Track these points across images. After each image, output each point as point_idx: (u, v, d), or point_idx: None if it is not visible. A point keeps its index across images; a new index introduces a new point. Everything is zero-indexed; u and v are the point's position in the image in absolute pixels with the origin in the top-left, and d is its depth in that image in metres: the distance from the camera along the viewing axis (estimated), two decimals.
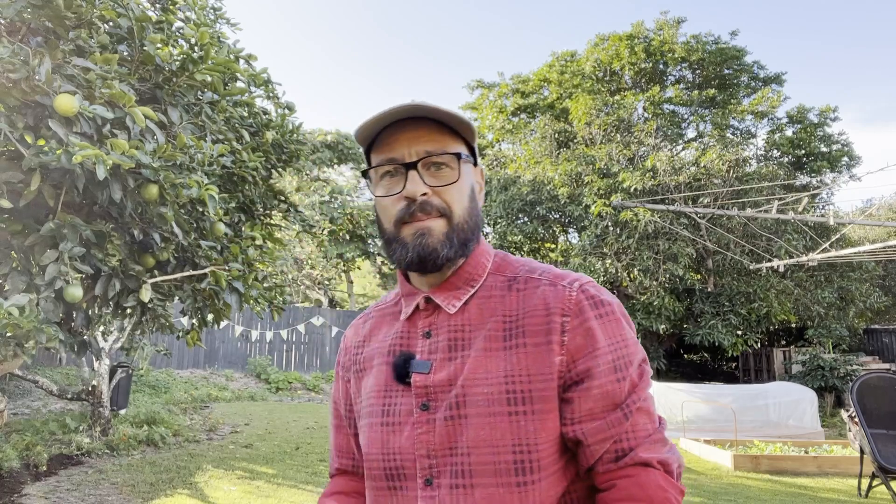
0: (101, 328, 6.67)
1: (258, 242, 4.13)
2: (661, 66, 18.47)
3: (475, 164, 1.02)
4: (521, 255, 17.93)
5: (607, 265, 14.17)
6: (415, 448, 0.90)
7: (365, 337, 1.08)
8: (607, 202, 13.91)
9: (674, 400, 9.49)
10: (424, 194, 0.92)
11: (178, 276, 3.18)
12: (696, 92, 17.63)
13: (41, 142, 2.31)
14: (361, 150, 1.07)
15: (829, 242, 12.31)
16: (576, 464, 0.92)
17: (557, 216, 16.92)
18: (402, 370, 0.95)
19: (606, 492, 0.87)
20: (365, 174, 1.01)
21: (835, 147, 17.67)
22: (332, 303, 21.80)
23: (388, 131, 0.94)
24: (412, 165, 0.92)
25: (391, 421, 0.93)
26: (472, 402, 0.88)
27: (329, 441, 1.14)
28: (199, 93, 3.21)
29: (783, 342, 17.69)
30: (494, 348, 0.90)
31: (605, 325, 0.90)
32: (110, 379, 7.35)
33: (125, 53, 2.86)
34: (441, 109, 0.91)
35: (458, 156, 0.95)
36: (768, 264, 11.03)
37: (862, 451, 5.92)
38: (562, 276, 0.95)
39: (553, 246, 17.99)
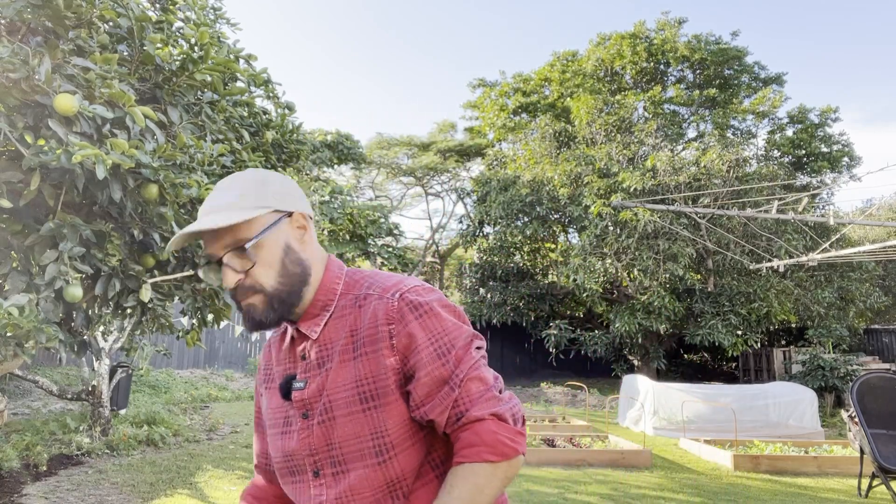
0: (101, 328, 6.67)
1: None
2: (662, 66, 18.48)
3: (290, 214, 1.13)
4: (522, 256, 18.04)
5: (607, 265, 14.16)
6: (301, 449, 1.10)
7: (268, 360, 1.26)
8: (607, 202, 13.91)
9: (674, 400, 9.48)
10: (237, 282, 1.08)
11: (178, 276, 3.18)
12: (696, 92, 17.64)
13: (41, 141, 2.31)
14: (362, 150, 1.25)
15: (829, 242, 12.31)
16: (434, 433, 1.11)
17: (557, 216, 16.93)
18: (286, 390, 1.13)
19: (454, 445, 1.05)
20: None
21: (835, 147, 17.68)
22: None
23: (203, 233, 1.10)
24: (220, 261, 1.09)
25: (285, 430, 1.13)
26: (336, 405, 1.06)
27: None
28: (199, 93, 3.21)
29: (783, 342, 17.68)
30: (346, 359, 1.08)
31: (424, 323, 1.06)
32: (110, 379, 7.35)
33: (125, 53, 2.86)
34: (220, 228, 1.06)
35: (243, 246, 1.07)
36: (768, 264, 11.03)
37: (862, 451, 5.92)
38: (388, 287, 1.11)
39: (553, 246, 17.99)
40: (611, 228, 14.26)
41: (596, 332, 15.47)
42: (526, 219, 16.74)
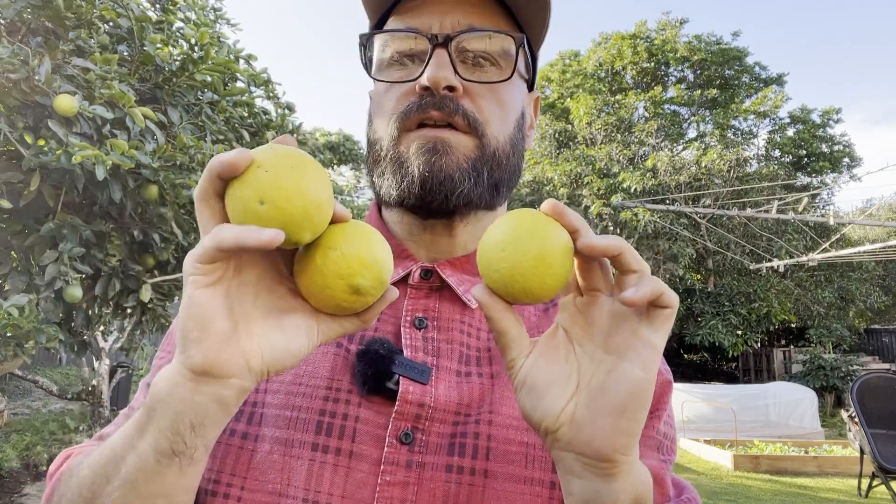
0: (101, 328, 6.67)
1: None
2: (662, 66, 18.50)
3: (530, 88, 0.70)
4: None
5: None
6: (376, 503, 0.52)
7: None
8: (607, 202, 13.92)
9: (674, 400, 9.47)
10: (452, 88, 0.59)
11: (178, 276, 3.18)
12: (697, 92, 17.65)
13: (41, 142, 2.31)
14: (362, 150, 0.63)
15: (829, 242, 12.32)
16: None
17: None
18: (380, 368, 0.55)
19: None
20: (364, 41, 0.65)
21: (836, 147, 17.71)
22: None
23: None
24: (443, 41, 0.59)
25: (333, 446, 0.54)
26: (503, 452, 0.55)
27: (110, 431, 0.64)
28: (199, 93, 3.21)
29: (783, 342, 17.69)
30: None
31: None
32: (110, 379, 7.35)
33: (125, 53, 2.86)
34: None
35: (518, 42, 0.61)
36: (768, 264, 11.03)
37: (862, 451, 5.92)
38: None
39: None
40: (611, 228, 14.26)
41: None
42: None
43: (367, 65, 0.65)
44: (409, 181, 0.58)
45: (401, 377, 0.55)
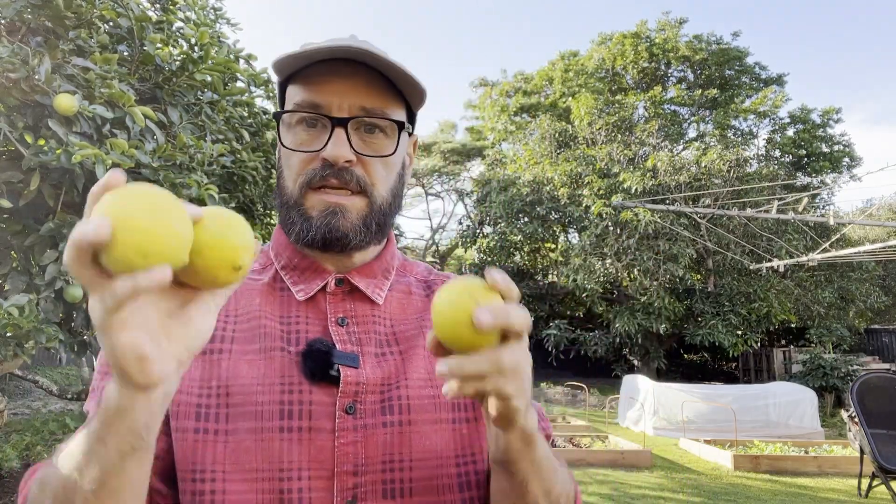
0: None
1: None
2: (662, 67, 18.50)
3: (411, 133, 0.87)
4: (522, 256, 18.02)
5: (607, 265, 14.17)
6: (337, 462, 0.71)
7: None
8: (607, 202, 13.92)
9: (674, 400, 9.48)
10: (349, 161, 0.75)
11: None
12: (697, 92, 17.65)
13: (41, 141, 2.31)
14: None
15: (829, 242, 12.31)
16: None
17: (557, 216, 16.94)
18: (323, 361, 0.73)
19: None
20: (277, 116, 0.80)
21: (836, 147, 17.71)
22: None
23: (318, 68, 0.75)
24: (342, 122, 0.74)
25: (296, 426, 0.71)
26: (418, 406, 0.75)
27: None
28: (199, 93, 3.21)
29: (783, 342, 17.69)
30: (428, 352, 0.79)
31: None
32: None
33: (125, 53, 2.86)
34: (392, 62, 0.73)
35: (399, 125, 0.78)
36: (768, 264, 11.02)
37: (862, 451, 5.92)
38: None
39: (553, 246, 17.99)
40: (611, 228, 14.26)
41: (596, 332, 15.47)
42: (526, 218, 16.75)
43: (279, 128, 0.81)
44: (313, 235, 0.76)
45: (340, 366, 0.73)
